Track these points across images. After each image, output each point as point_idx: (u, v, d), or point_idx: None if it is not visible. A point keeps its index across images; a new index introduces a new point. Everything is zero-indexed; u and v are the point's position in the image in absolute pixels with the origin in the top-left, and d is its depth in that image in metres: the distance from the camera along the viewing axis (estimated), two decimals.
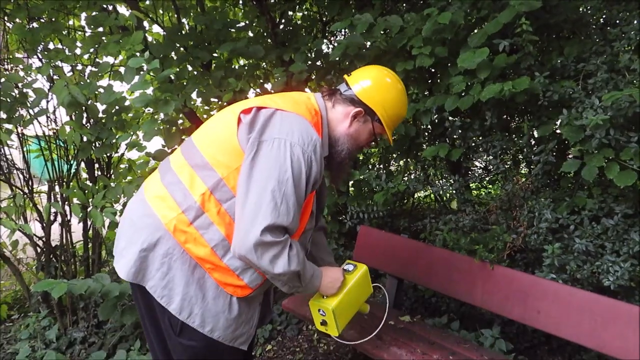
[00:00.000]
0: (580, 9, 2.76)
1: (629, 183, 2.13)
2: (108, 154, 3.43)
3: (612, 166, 2.21)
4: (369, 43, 3.15)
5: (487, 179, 3.21)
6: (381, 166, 4.06)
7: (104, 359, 2.87)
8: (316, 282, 1.74)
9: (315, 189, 1.67)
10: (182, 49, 3.66)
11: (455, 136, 3.02)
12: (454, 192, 3.18)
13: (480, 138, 2.96)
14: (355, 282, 1.88)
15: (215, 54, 3.73)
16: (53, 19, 3.22)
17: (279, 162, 1.53)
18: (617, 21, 2.61)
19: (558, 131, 2.59)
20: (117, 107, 3.08)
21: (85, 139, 3.08)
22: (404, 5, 3.61)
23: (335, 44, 3.90)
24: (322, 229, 2.18)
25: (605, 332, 2.06)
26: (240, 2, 4.44)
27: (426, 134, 3.48)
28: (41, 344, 3.09)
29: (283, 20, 4.16)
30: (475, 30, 2.75)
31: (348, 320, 1.90)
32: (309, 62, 3.67)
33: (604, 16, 2.76)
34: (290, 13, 4.41)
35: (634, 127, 2.27)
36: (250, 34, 4.07)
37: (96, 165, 3.53)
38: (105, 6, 3.48)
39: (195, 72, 3.69)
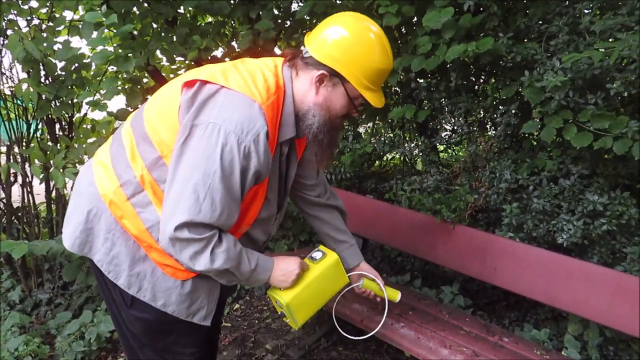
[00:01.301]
0: None
1: (585, 144, 2.18)
2: (69, 114, 3.33)
3: (569, 127, 2.25)
4: (338, 1, 3.10)
5: (453, 140, 3.25)
6: (350, 127, 4.06)
7: (70, 319, 2.87)
8: (262, 276, 1.56)
9: (260, 181, 1.48)
10: (144, 4, 3.53)
11: (422, 97, 3.03)
12: (420, 153, 3.22)
13: (446, 100, 2.97)
14: (319, 273, 1.67)
15: (180, 10, 3.61)
16: None
17: (207, 152, 1.34)
18: None
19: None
20: (76, 64, 2.97)
21: (44, 97, 2.98)
22: None
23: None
24: (336, 209, 2.03)
25: (557, 287, 2.16)
26: None
27: (393, 95, 3.48)
28: (5, 306, 3.07)
29: None
30: None
31: (311, 313, 1.73)
32: (279, 20, 3.59)
33: None
34: None
35: (592, 90, 2.31)
36: None
37: (57, 125, 3.43)
38: None
39: (159, 29, 3.57)
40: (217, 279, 1.54)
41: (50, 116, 3.25)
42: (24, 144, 3.35)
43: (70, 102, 3.01)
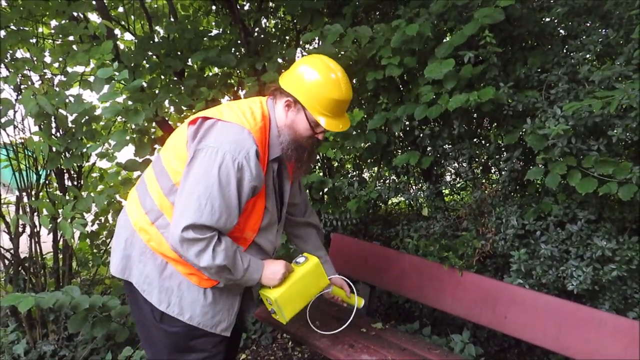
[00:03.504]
0: (543, 20, 2.84)
1: (590, 190, 2.19)
2: (78, 164, 3.39)
3: (574, 174, 2.27)
4: (341, 52, 3.18)
5: (457, 185, 3.26)
6: (355, 173, 4.09)
7: None
8: (255, 275, 1.83)
9: (257, 192, 1.77)
10: (154, 57, 3.64)
11: (425, 144, 3.07)
12: (425, 199, 3.23)
13: (450, 146, 3.01)
14: (303, 274, 1.95)
15: (188, 63, 3.71)
16: (21, 28, 3.17)
17: (207, 169, 1.66)
18: (578, 33, 2.68)
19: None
20: (86, 117, 3.05)
21: (54, 149, 3.04)
22: (377, 14, 3.66)
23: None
24: (314, 227, 2.30)
25: (569, 336, 2.12)
26: (213, 8, 4.44)
27: (398, 142, 3.52)
28: (9, 358, 3.03)
29: (257, 29, 4.17)
30: (444, 40, 2.81)
31: (297, 310, 1.98)
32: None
33: (565, 27, 2.84)
34: (264, 21, 4.42)
35: (594, 136, 2.34)
36: (223, 42, 4.06)
37: (66, 175, 3.48)
38: (75, 14, 3.45)
39: (168, 81, 3.67)
40: (216, 279, 1.78)
41: (60, 167, 3.30)
42: (33, 194, 3.39)
43: (80, 153, 3.07)
